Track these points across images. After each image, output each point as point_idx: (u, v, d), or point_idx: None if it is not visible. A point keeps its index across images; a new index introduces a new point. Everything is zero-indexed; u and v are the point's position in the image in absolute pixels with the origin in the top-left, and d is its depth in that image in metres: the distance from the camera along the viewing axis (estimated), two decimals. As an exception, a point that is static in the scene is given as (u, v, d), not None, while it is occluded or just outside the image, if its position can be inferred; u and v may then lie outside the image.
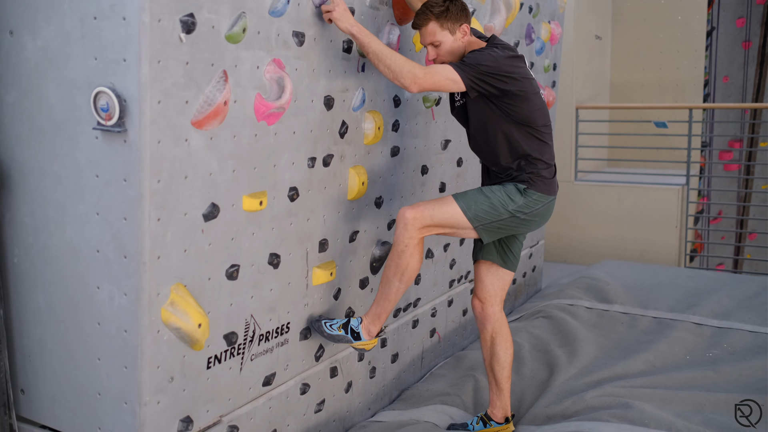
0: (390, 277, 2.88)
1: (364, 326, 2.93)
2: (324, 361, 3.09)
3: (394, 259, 2.86)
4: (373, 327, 2.93)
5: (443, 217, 2.83)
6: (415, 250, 2.85)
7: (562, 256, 7.06)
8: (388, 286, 2.88)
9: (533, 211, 2.87)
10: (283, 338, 2.80)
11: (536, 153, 2.87)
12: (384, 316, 2.92)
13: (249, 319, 2.60)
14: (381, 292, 2.92)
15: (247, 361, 2.63)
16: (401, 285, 2.87)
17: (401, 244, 2.83)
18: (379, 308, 2.91)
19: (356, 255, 3.20)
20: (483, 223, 2.84)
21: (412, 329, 3.78)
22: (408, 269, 2.85)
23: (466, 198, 2.86)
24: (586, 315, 4.36)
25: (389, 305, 2.91)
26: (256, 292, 2.63)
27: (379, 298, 2.92)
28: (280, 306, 2.76)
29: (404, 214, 2.83)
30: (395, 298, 2.90)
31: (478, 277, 3.13)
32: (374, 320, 2.93)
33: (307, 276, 2.89)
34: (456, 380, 3.55)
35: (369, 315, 2.94)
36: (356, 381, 3.32)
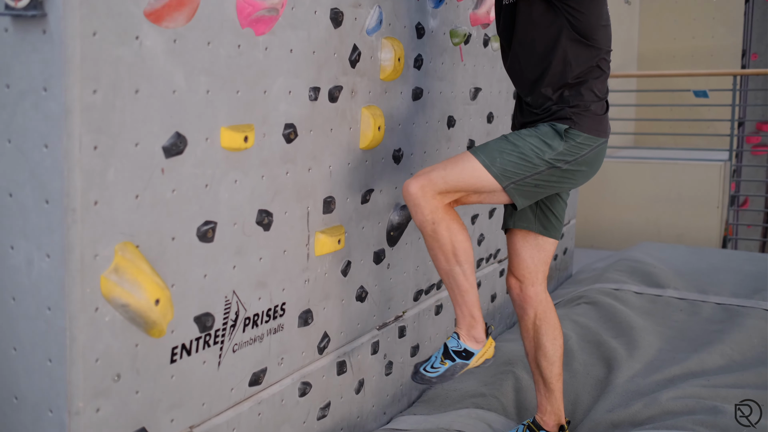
0: (445, 268, 2.25)
1: (465, 337, 2.30)
2: (329, 354, 2.43)
3: (432, 246, 2.23)
4: (475, 330, 2.30)
5: (460, 177, 2.17)
6: (447, 220, 2.20)
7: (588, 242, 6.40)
8: (451, 278, 2.25)
9: (578, 159, 2.22)
10: (276, 323, 2.14)
11: (589, 81, 2.22)
12: (475, 311, 2.28)
13: (230, 296, 1.94)
14: (451, 291, 2.28)
15: (228, 353, 1.97)
16: (464, 267, 2.23)
17: (426, 224, 2.19)
18: (462, 308, 2.28)
19: (370, 220, 2.54)
20: (514, 181, 2.18)
21: (434, 316, 3.12)
22: (455, 246, 2.21)
23: (488, 150, 2.20)
24: (637, 301, 3.70)
25: (470, 296, 2.26)
26: (240, 260, 1.97)
27: (454, 297, 2.29)
28: (273, 281, 2.10)
29: (408, 189, 2.18)
30: (470, 284, 2.25)
31: (513, 249, 2.47)
32: (470, 323, 2.29)
33: (308, 243, 2.23)
34: (491, 378, 2.89)
35: (459, 323, 2.32)
36: (369, 379, 2.66)
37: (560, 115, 2.20)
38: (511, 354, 3.10)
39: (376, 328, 2.69)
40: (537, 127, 2.22)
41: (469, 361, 2.30)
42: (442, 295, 3.18)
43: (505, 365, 2.98)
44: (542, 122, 2.23)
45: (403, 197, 2.22)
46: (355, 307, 2.53)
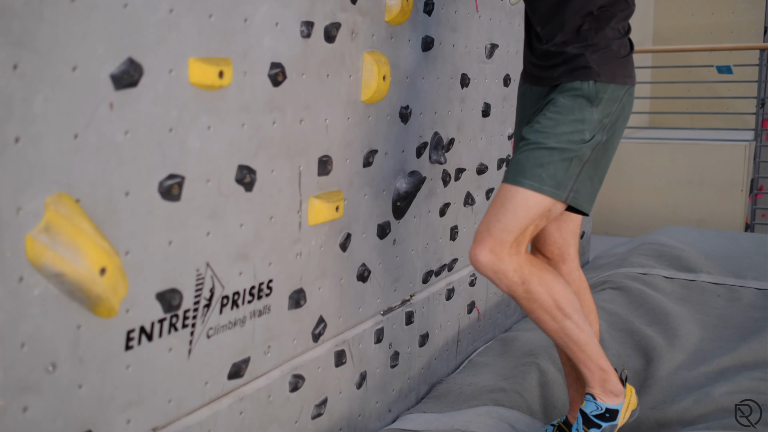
0: (554, 328, 1.91)
1: (602, 395, 1.97)
2: (325, 342, 2.08)
3: (531, 309, 1.90)
4: (610, 383, 1.97)
5: (519, 217, 1.81)
6: (536, 273, 1.86)
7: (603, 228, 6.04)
8: (565, 336, 1.92)
9: (614, 117, 1.87)
10: (261, 305, 1.79)
11: (613, 14, 1.85)
12: (603, 361, 1.96)
13: (203, 269, 1.59)
14: (570, 350, 1.95)
15: (201, 339, 1.62)
16: (574, 319, 1.90)
17: (515, 288, 1.85)
18: (588, 364, 1.94)
19: (373, 187, 2.18)
20: (571, 187, 1.83)
21: (446, 301, 2.77)
22: (557, 299, 1.87)
23: (527, 171, 1.82)
24: (668, 286, 3.35)
25: (591, 348, 1.93)
26: (216, 226, 1.61)
27: (575, 355, 1.95)
28: (257, 253, 1.75)
29: (479, 260, 1.84)
30: (587, 335, 1.92)
31: (544, 230, 2.11)
32: (601, 377, 1.96)
33: (299, 209, 1.87)
34: (511, 370, 2.54)
35: (590, 381, 1.98)
36: (372, 371, 2.31)
37: (578, 63, 1.82)
38: (532, 344, 2.75)
39: (380, 313, 2.34)
40: (555, 102, 1.84)
41: (617, 421, 1.98)
42: (454, 277, 2.82)
43: (527, 356, 2.62)
44: (558, 85, 1.85)
45: (477, 271, 1.88)
46: (356, 288, 2.17)
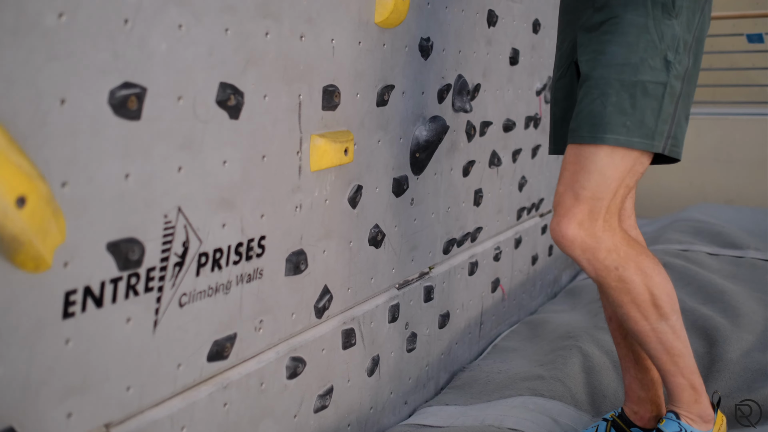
0: (644, 329, 1.54)
1: (688, 417, 1.61)
2: (331, 318, 1.70)
3: (620, 302, 1.52)
4: (700, 405, 1.61)
5: (608, 179, 1.44)
6: (635, 258, 1.50)
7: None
8: (655, 341, 1.55)
9: (696, 32, 1.48)
10: (251, 267, 1.41)
11: None
12: (696, 378, 1.61)
13: (173, 215, 1.21)
14: (657, 358, 1.58)
15: (172, 308, 1.24)
16: (671, 321, 1.54)
17: (607, 274, 1.48)
18: (677, 378, 1.59)
19: (389, 132, 1.80)
20: (667, 133, 1.45)
21: (468, 277, 2.39)
22: (655, 293, 1.51)
23: (607, 121, 1.43)
24: (714, 263, 2.97)
25: (686, 360, 1.58)
26: (191, 160, 1.23)
27: (663, 365, 1.59)
28: (245, 200, 1.37)
29: (565, 235, 1.47)
30: (683, 343, 1.57)
31: None
32: (691, 397, 1.60)
33: (299, 149, 1.49)
34: (547, 355, 2.17)
35: (676, 398, 1.62)
36: (386, 356, 1.93)
37: None
38: (568, 326, 2.37)
39: (395, 286, 1.96)
40: (618, 19, 1.44)
41: None
42: (478, 250, 2.45)
43: (564, 339, 2.25)
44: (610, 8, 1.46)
45: (557, 242, 1.49)
46: (368, 254, 1.80)
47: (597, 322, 2.31)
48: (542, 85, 2.76)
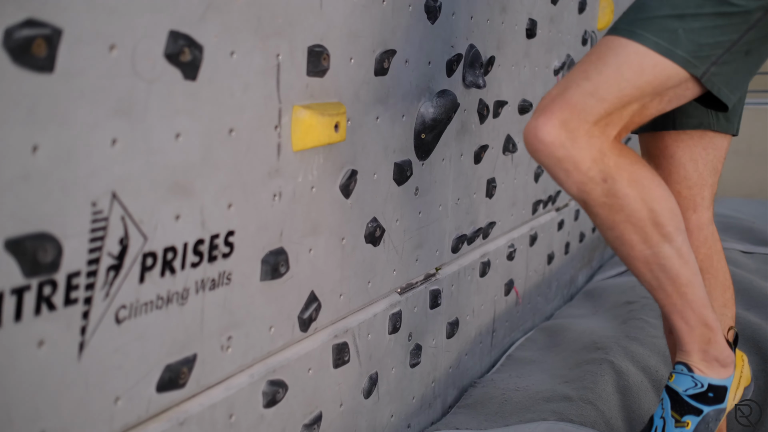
0: (643, 254, 1.24)
1: (702, 363, 1.31)
2: (320, 331, 1.41)
3: (611, 223, 1.21)
4: (715, 345, 1.31)
5: (627, 78, 1.15)
6: (628, 168, 1.19)
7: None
8: (658, 267, 1.25)
9: None
10: (215, 270, 1.11)
11: None
12: (708, 312, 1.30)
13: (104, 203, 0.91)
14: (661, 290, 1.28)
15: (105, 326, 0.94)
16: (676, 241, 1.23)
17: (591, 188, 1.18)
18: (687, 314, 1.29)
19: (389, 107, 1.51)
20: (714, 60, 1.17)
21: (479, 278, 2.10)
22: (654, 207, 1.20)
23: (658, 19, 1.15)
24: (750, 262, 2.68)
25: (695, 290, 1.28)
26: (129, 129, 0.94)
27: (667, 298, 1.29)
28: (207, 185, 1.07)
29: (537, 136, 1.16)
30: (691, 270, 1.26)
31: (664, 155, 1.45)
32: (704, 336, 1.30)
33: (278, 123, 1.20)
34: (572, 370, 1.88)
35: (685, 342, 1.32)
36: (386, 373, 1.64)
37: None
38: (594, 335, 2.08)
39: (396, 291, 1.67)
40: None
41: (725, 403, 1.31)
42: (490, 248, 2.15)
43: (590, 351, 1.95)
44: None
45: (533, 154, 1.20)
46: (364, 252, 1.50)
47: (627, 331, 2.02)
48: (561, 64, 2.47)
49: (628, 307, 2.24)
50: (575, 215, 2.91)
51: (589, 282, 3.08)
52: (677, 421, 1.27)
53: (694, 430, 1.26)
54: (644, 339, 1.94)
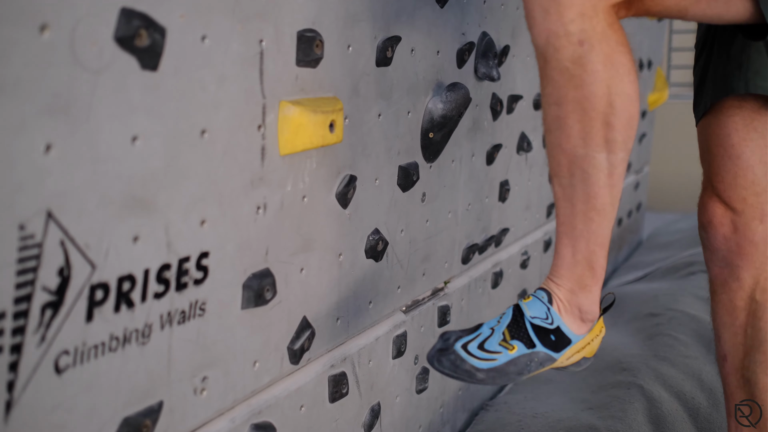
0: (575, 152, 1.03)
1: (564, 305, 1.11)
2: (314, 361, 1.22)
3: (564, 99, 1.01)
4: (587, 294, 1.11)
5: None
6: (611, 44, 0.99)
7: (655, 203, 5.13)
8: (580, 174, 1.04)
9: None
10: (185, 300, 0.92)
11: None
12: (600, 255, 1.09)
13: (36, 225, 0.72)
14: (566, 202, 1.07)
15: (42, 378, 0.75)
16: (616, 155, 1.02)
17: (566, 43, 0.98)
18: (579, 243, 1.08)
19: (392, 102, 1.32)
20: None
21: (491, 290, 1.91)
22: (614, 102, 0.99)
23: None
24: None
25: (602, 222, 1.06)
26: (67, 134, 0.75)
27: (568, 218, 1.08)
28: (173, 198, 0.88)
29: None
30: (611, 196, 1.05)
31: (724, 148, 1.26)
32: (582, 277, 1.09)
33: (262, 121, 1.01)
34: (596, 394, 1.69)
35: (559, 269, 1.11)
36: (389, 402, 1.45)
37: None
38: (618, 353, 1.89)
39: (401, 309, 1.48)
40: None
41: (559, 354, 1.11)
42: (502, 256, 1.97)
43: (616, 373, 1.77)
44: None
45: None
46: (365, 269, 1.31)
47: (656, 349, 1.83)
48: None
49: (653, 320, 2.05)
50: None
51: (604, 288, 2.90)
52: (504, 340, 1.08)
53: (514, 359, 1.07)
54: (675, 359, 1.76)
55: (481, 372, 1.06)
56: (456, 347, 1.08)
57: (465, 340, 1.09)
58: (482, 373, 1.06)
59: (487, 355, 1.07)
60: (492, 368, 1.06)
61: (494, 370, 1.06)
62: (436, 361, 1.09)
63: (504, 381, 1.08)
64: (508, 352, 1.08)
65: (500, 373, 1.07)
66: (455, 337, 1.11)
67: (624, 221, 3.35)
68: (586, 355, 1.15)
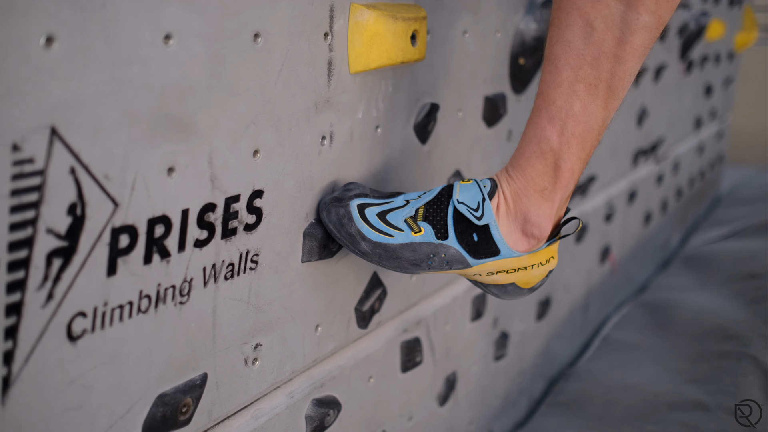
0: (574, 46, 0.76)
1: (507, 207, 0.81)
2: (384, 324, 1.03)
3: None
4: (545, 202, 0.81)
5: None
6: None
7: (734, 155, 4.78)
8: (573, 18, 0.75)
9: None
10: (234, 248, 0.74)
11: None
12: (572, 157, 0.79)
13: (37, 141, 0.54)
14: (548, 65, 0.78)
15: (48, 347, 0.58)
16: (638, 7, 0.72)
17: None
18: (547, 131, 0.79)
19: (479, 18, 1.09)
20: None
21: (574, 245, 1.70)
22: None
23: None
24: None
25: (587, 125, 0.77)
26: (76, 26, 0.55)
27: (545, 87, 0.79)
28: (216, 120, 0.69)
29: None
30: (602, 71, 0.75)
31: None
32: (537, 182, 0.80)
33: (329, 28, 0.80)
34: (698, 364, 1.49)
35: (516, 170, 0.82)
36: (465, 372, 1.27)
37: None
38: (719, 316, 1.67)
39: (480, 265, 1.28)
40: None
41: (477, 262, 0.82)
42: (587, 207, 1.75)
43: (722, 341, 1.54)
44: None
45: None
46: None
47: (764, 314, 1.61)
48: None
49: (754, 283, 1.82)
50: (674, 166, 2.46)
51: (686, 245, 2.65)
52: (412, 218, 0.83)
53: (414, 244, 0.81)
54: (790, 327, 1.54)
55: (367, 243, 0.79)
56: (351, 203, 0.83)
57: (366, 201, 0.83)
58: (368, 244, 0.80)
59: (385, 227, 0.82)
60: (383, 244, 0.80)
61: (384, 247, 0.81)
62: (325, 210, 0.83)
63: (393, 266, 0.81)
64: (411, 233, 0.82)
65: (391, 254, 0.81)
66: (358, 192, 0.86)
67: (707, 175, 3.07)
68: (518, 283, 0.85)
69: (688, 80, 2.40)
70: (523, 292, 0.87)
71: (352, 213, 0.82)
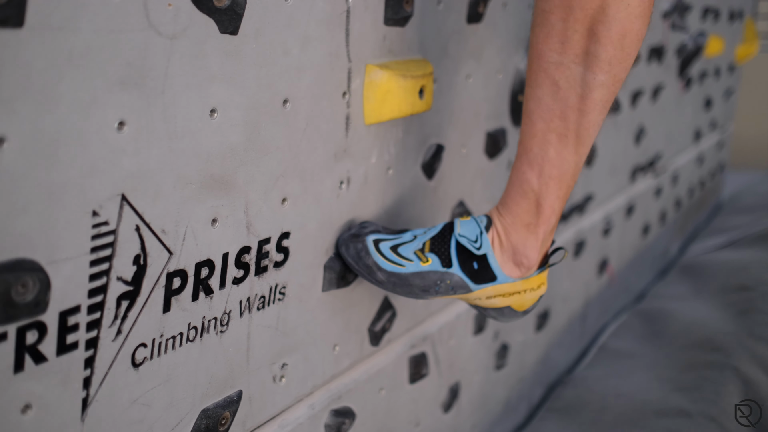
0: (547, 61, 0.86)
1: (499, 240, 0.93)
2: (394, 341, 1.15)
3: None
4: (529, 235, 0.93)
5: None
6: None
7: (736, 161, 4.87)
8: (548, 89, 0.87)
9: None
10: (266, 283, 0.85)
11: None
12: (552, 189, 0.91)
13: (110, 210, 0.66)
14: (525, 118, 0.90)
15: (117, 374, 0.70)
16: (595, 74, 0.84)
17: None
18: (527, 175, 0.91)
19: (482, 63, 1.21)
20: None
21: (572, 259, 1.81)
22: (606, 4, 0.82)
23: None
24: None
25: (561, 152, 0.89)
26: (140, 109, 0.67)
27: (525, 141, 0.91)
28: (253, 176, 0.81)
29: None
30: (589, 123, 0.87)
31: None
32: (528, 213, 0.92)
33: (347, 88, 0.92)
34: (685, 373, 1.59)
35: (506, 208, 0.94)
36: (468, 381, 1.38)
37: None
38: (707, 327, 1.77)
39: (482, 284, 1.39)
40: None
41: (477, 287, 0.94)
42: (585, 224, 1.85)
43: (708, 351, 1.65)
44: None
45: None
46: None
47: (750, 327, 1.71)
48: (671, 6, 2.10)
49: (744, 295, 1.92)
50: (673, 179, 2.57)
51: (684, 254, 2.75)
52: (421, 250, 0.95)
53: (424, 272, 0.93)
54: (773, 339, 1.64)
55: (383, 273, 0.93)
56: (367, 238, 0.95)
57: (380, 237, 0.96)
58: (383, 274, 0.93)
59: (397, 259, 0.94)
60: (396, 273, 0.93)
61: (398, 276, 0.93)
62: (344, 245, 0.97)
63: (405, 293, 0.95)
64: (420, 263, 0.94)
65: (403, 282, 0.94)
66: (372, 229, 0.98)
67: (707, 184, 3.17)
68: (513, 306, 0.96)
69: (687, 95, 2.50)
70: (518, 314, 0.99)
71: (369, 247, 0.94)
